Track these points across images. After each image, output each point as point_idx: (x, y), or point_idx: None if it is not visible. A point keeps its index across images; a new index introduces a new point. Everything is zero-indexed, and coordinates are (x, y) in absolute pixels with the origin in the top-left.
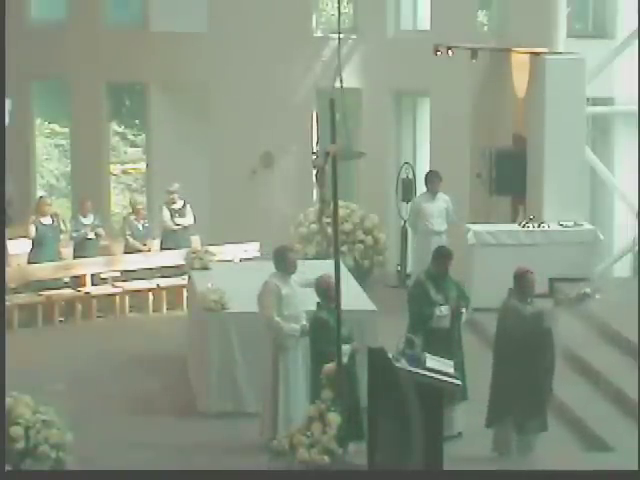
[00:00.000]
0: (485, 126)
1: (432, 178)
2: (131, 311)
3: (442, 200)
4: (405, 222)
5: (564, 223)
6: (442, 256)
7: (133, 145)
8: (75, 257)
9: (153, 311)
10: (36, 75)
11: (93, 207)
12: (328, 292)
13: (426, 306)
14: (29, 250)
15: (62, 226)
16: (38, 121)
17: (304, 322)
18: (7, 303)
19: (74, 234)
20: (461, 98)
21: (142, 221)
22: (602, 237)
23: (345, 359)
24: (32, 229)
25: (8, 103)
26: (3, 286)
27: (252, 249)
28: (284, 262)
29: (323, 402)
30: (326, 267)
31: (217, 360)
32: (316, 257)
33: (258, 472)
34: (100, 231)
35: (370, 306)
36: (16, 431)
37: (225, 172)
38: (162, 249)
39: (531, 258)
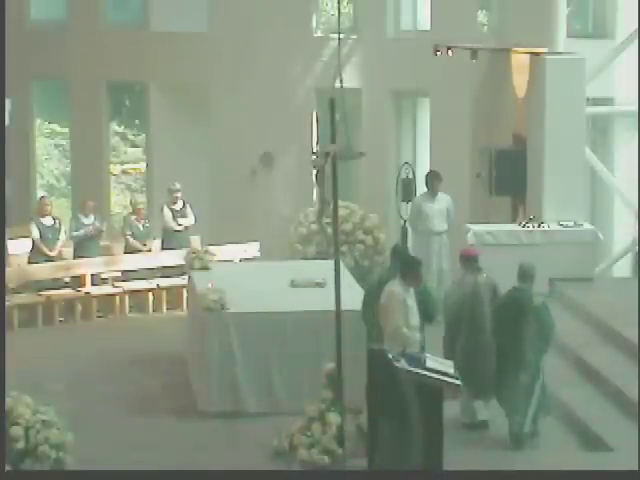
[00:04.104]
0: (485, 126)
1: (432, 178)
2: (131, 311)
3: (443, 200)
4: (405, 222)
5: (564, 223)
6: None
7: (133, 145)
8: (75, 257)
9: (153, 311)
10: (36, 75)
11: (95, 207)
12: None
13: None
14: (29, 250)
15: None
16: (38, 121)
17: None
18: (7, 303)
19: (74, 234)
20: (461, 98)
21: (142, 221)
22: (602, 237)
23: None
24: (34, 230)
25: (8, 103)
26: (3, 286)
27: (252, 249)
28: (413, 275)
29: (323, 402)
30: (326, 267)
31: (217, 360)
32: (316, 257)
33: (258, 472)
34: (101, 227)
35: None
36: (16, 431)
37: (225, 172)
38: (162, 249)
39: (531, 258)
